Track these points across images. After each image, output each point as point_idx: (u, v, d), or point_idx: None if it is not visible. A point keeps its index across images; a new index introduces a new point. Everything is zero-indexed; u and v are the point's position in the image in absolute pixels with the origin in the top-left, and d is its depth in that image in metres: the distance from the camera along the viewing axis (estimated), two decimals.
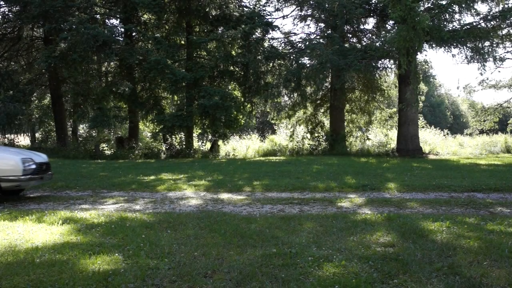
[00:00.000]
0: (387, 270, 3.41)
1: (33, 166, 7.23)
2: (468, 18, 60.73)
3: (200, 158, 16.91)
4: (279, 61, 18.59)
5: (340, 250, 3.93)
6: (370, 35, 19.17)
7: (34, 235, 4.55)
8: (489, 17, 15.34)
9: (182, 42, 19.69)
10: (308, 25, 23.93)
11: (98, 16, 19.10)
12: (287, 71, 17.36)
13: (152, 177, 9.88)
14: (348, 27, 18.49)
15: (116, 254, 3.83)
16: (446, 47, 15.56)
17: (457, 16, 15.62)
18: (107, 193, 8.16)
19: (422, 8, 15.36)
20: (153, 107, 19.21)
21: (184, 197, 7.66)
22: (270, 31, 18.80)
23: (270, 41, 19.73)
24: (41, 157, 7.76)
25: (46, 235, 4.56)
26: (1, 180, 6.84)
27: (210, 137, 19.72)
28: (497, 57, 16.00)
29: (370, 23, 23.49)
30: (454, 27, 15.41)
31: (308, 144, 19.77)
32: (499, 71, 34.18)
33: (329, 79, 18.78)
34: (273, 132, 28.63)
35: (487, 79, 20.49)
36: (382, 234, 4.49)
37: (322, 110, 20.86)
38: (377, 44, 17.12)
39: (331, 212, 5.91)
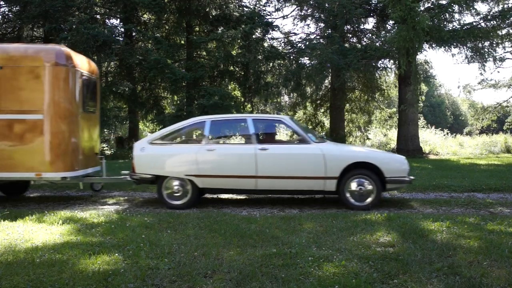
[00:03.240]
0: (387, 270, 3.41)
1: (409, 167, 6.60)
2: (468, 18, 60.76)
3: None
4: (279, 61, 18.58)
5: (340, 250, 3.93)
6: (370, 35, 19.17)
7: (34, 235, 4.56)
8: (489, 17, 15.33)
9: (182, 42, 19.68)
10: (308, 25, 23.95)
11: (98, 16, 19.08)
12: (287, 71, 17.36)
13: None
14: (348, 27, 18.48)
15: (116, 254, 3.83)
16: (446, 47, 15.55)
17: (457, 16, 15.63)
18: (107, 193, 8.15)
19: (422, 8, 15.36)
20: (153, 107, 19.20)
21: None
22: (270, 31, 18.79)
23: (270, 41, 19.73)
24: None
25: (46, 235, 4.56)
26: (388, 181, 6.20)
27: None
28: (497, 57, 16.01)
29: (370, 23, 23.49)
30: (454, 27, 15.40)
31: None
32: (499, 71, 34.21)
33: (329, 79, 18.79)
34: None
35: (487, 79, 20.49)
36: (382, 234, 4.49)
37: (322, 110, 20.87)
38: (377, 44, 17.12)
39: (331, 212, 5.91)
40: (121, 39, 18.03)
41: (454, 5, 14.72)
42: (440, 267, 3.45)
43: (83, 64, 7.12)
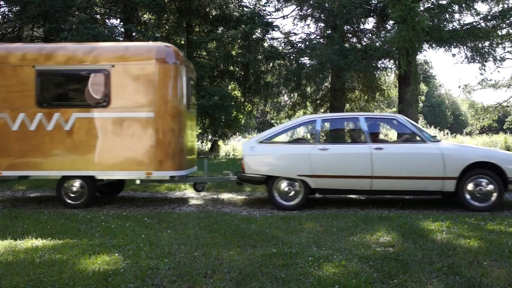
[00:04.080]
0: (387, 270, 3.41)
1: None
2: (468, 18, 60.74)
3: (200, 158, 16.92)
4: (279, 61, 18.58)
5: (340, 250, 3.94)
6: (370, 35, 19.18)
7: (34, 235, 4.55)
8: (489, 17, 15.33)
9: (182, 42, 19.69)
10: (308, 25, 23.94)
11: (98, 16, 19.10)
12: (287, 71, 17.36)
13: None
14: (348, 27, 18.48)
15: (116, 254, 3.84)
16: (446, 47, 15.54)
17: (457, 16, 15.61)
18: None
19: (422, 8, 15.35)
20: None
21: (184, 197, 7.66)
22: (270, 31, 18.80)
23: (270, 41, 19.73)
24: None
25: (46, 235, 4.56)
26: (511, 182, 5.97)
27: (210, 137, 19.73)
28: (497, 57, 16.00)
29: (370, 23, 23.49)
30: (454, 27, 15.40)
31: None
32: (499, 71, 34.17)
33: (329, 79, 18.80)
34: None
35: (487, 79, 20.48)
36: (382, 234, 4.49)
37: (322, 110, 20.87)
38: (377, 44, 17.11)
39: (331, 212, 5.91)
40: (121, 39, 18.04)
41: (454, 5, 14.71)
42: (440, 267, 3.45)
43: (187, 62, 7.08)
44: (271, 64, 18.65)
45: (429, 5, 15.91)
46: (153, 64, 6.40)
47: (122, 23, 18.56)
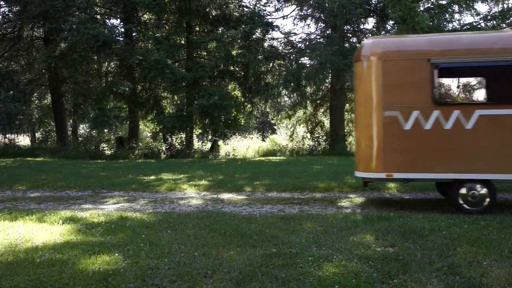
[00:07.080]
0: (387, 270, 3.41)
1: None
2: (468, 18, 60.76)
3: (200, 158, 16.92)
4: (279, 61, 18.60)
5: (340, 250, 3.94)
6: (370, 35, 19.19)
7: (34, 235, 4.56)
8: (489, 17, 15.36)
9: (182, 42, 19.71)
10: (308, 25, 24.03)
11: (98, 16, 19.11)
12: (287, 71, 17.38)
13: (152, 177, 9.90)
14: (348, 27, 18.51)
15: (116, 254, 3.84)
16: None
17: (457, 16, 15.70)
18: (107, 193, 8.16)
19: (422, 8, 15.37)
20: (153, 107, 19.23)
21: (184, 197, 7.66)
22: (270, 31, 18.83)
23: (270, 41, 19.74)
24: None
25: (46, 235, 4.56)
26: None
27: (210, 137, 19.74)
28: None
29: (370, 23, 23.52)
30: (454, 27, 15.42)
31: (308, 144, 19.78)
32: None
33: (329, 79, 18.81)
34: (273, 132, 28.63)
35: None
36: (382, 234, 4.49)
37: (322, 110, 20.87)
38: None
39: (331, 212, 5.92)
40: (121, 39, 18.05)
41: (454, 5, 14.74)
42: (440, 267, 3.45)
43: None
44: (271, 64, 18.66)
45: (429, 5, 15.93)
46: None
47: (122, 23, 18.57)
